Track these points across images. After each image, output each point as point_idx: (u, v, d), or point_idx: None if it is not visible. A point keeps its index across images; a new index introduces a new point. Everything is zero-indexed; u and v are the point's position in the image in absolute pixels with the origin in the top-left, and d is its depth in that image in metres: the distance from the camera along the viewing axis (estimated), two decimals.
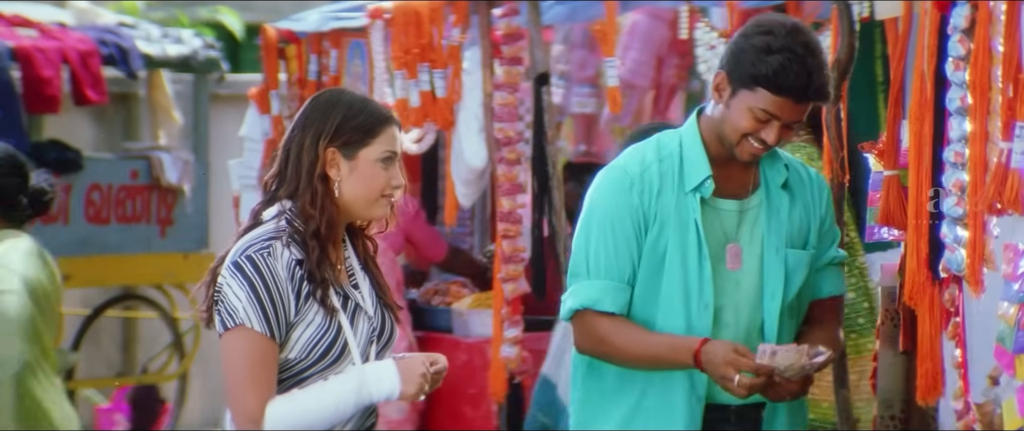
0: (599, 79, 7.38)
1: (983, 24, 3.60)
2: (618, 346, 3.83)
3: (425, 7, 6.33)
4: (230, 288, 3.45)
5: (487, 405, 6.41)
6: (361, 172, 3.53)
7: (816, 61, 3.69)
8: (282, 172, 3.57)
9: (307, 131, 3.55)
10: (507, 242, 6.14)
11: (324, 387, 3.50)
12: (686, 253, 3.80)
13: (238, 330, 3.43)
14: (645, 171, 3.85)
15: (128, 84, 9.15)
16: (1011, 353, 3.47)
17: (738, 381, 3.62)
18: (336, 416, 3.50)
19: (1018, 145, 3.49)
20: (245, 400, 3.44)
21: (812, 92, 3.69)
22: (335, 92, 3.65)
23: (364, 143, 3.54)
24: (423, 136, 6.52)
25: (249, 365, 3.44)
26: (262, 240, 3.48)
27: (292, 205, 3.53)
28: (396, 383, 3.52)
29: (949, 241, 3.76)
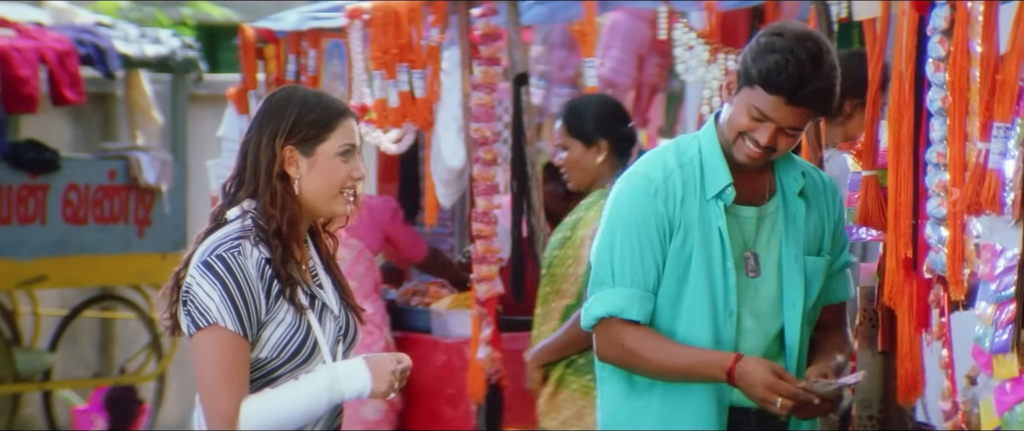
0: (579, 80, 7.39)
1: (961, 25, 3.61)
2: (645, 357, 3.81)
3: (404, 7, 6.32)
4: (201, 288, 3.43)
5: (466, 406, 6.40)
6: (320, 168, 3.53)
7: (816, 67, 3.66)
8: (241, 173, 3.55)
9: (263, 131, 3.53)
10: (481, 242, 6.14)
11: (297, 386, 3.49)
12: (711, 260, 3.79)
13: (211, 329, 3.42)
14: (668, 178, 3.82)
15: (106, 84, 9.13)
16: (989, 353, 3.49)
17: (781, 404, 3.62)
18: (309, 414, 3.50)
19: (995, 145, 3.50)
20: (219, 400, 3.42)
21: (803, 95, 3.66)
22: (288, 90, 3.64)
23: (321, 138, 3.53)
24: (402, 136, 6.51)
25: (222, 364, 3.42)
26: (231, 239, 3.47)
27: (254, 205, 3.52)
28: (367, 381, 3.53)
29: (933, 242, 3.77)
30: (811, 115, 3.72)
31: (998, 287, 3.44)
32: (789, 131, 3.72)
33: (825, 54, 3.69)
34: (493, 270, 6.12)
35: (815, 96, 3.68)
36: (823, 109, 3.73)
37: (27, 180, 8.41)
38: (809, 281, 3.82)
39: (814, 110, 3.72)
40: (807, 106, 3.69)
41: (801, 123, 3.72)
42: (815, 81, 3.67)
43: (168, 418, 9.36)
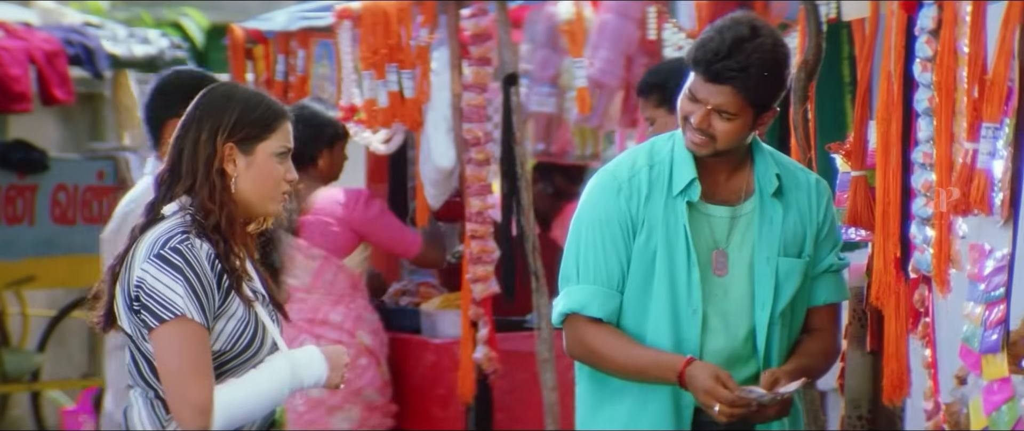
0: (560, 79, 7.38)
1: (949, 25, 3.62)
2: (605, 355, 3.84)
3: (393, 7, 6.32)
4: (159, 281, 3.41)
5: (456, 406, 6.40)
6: (259, 167, 3.54)
7: (736, 45, 3.67)
8: (176, 166, 3.54)
9: (203, 125, 3.53)
10: (476, 243, 6.14)
11: (259, 374, 3.51)
12: (674, 258, 3.80)
13: (178, 322, 3.40)
14: (634, 176, 3.84)
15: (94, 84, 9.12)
16: (977, 353, 3.49)
17: (719, 410, 3.65)
18: (274, 401, 3.53)
19: (984, 146, 3.51)
20: (192, 391, 3.41)
21: (717, 70, 3.67)
22: (229, 86, 3.65)
23: (262, 137, 3.54)
24: (391, 137, 6.50)
25: (192, 356, 3.42)
26: (178, 233, 3.46)
27: (190, 201, 3.51)
28: (324, 369, 3.57)
29: (918, 242, 3.77)
30: (738, 97, 3.69)
31: (987, 287, 3.45)
32: (723, 115, 3.72)
33: (755, 37, 3.69)
34: (488, 270, 6.12)
35: (732, 73, 3.68)
36: (749, 90, 3.69)
37: (15, 180, 8.39)
38: (781, 283, 3.81)
39: (738, 90, 3.69)
40: (727, 83, 3.69)
41: (730, 105, 3.70)
42: (731, 58, 3.68)
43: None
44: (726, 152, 3.80)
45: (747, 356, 3.81)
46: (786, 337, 3.85)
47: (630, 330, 3.83)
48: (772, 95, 3.76)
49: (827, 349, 3.90)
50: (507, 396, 6.41)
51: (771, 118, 3.82)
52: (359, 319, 6.44)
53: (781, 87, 3.78)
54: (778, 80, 3.76)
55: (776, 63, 3.73)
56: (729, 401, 3.64)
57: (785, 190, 3.85)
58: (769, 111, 3.79)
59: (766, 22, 3.86)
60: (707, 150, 3.77)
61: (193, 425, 3.42)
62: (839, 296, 3.94)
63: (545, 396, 6.07)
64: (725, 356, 3.80)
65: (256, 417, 3.54)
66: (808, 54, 4.57)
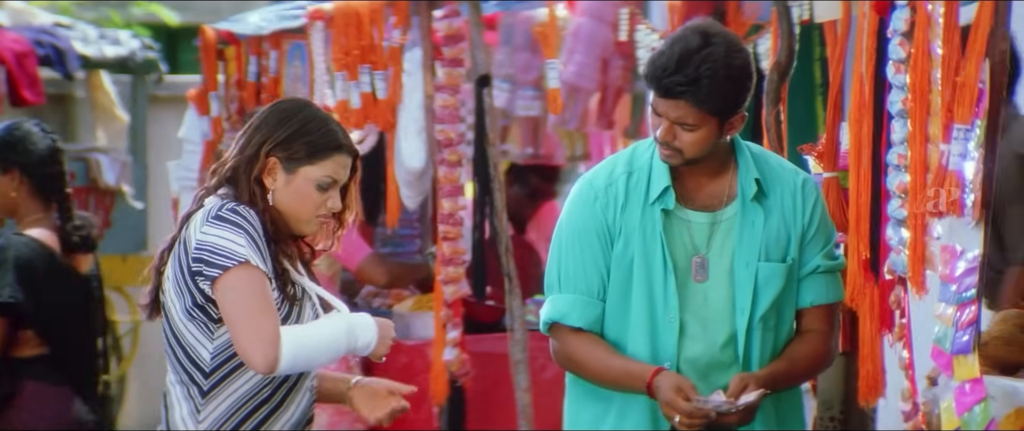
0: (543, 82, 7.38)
1: (922, 27, 3.63)
2: (583, 364, 3.85)
3: (365, 8, 6.31)
4: (221, 236, 3.46)
5: (428, 407, 6.39)
6: (296, 189, 3.58)
7: (684, 58, 3.64)
8: (225, 160, 3.61)
9: (258, 132, 3.58)
10: (447, 244, 6.13)
11: (319, 324, 3.57)
12: (651, 266, 3.80)
13: (243, 267, 3.45)
14: (611, 185, 3.84)
15: (64, 85, 9.08)
16: (949, 354, 3.50)
17: (678, 421, 3.66)
18: (332, 353, 3.57)
19: (956, 147, 3.52)
20: (262, 326, 3.44)
21: (667, 86, 3.65)
22: (301, 104, 3.68)
23: (308, 162, 3.56)
24: (364, 138, 6.49)
25: (261, 295, 3.46)
26: (232, 200, 3.53)
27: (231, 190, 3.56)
28: (375, 335, 3.62)
29: (893, 243, 3.78)
30: (694, 109, 3.67)
31: (959, 289, 3.46)
32: (684, 127, 3.70)
33: (705, 47, 3.65)
34: (460, 272, 6.11)
35: (681, 88, 3.65)
36: (703, 101, 3.66)
37: None
38: (760, 287, 3.79)
39: (692, 103, 3.66)
40: (680, 98, 3.66)
41: (688, 117, 3.68)
42: (679, 72, 3.65)
43: (128, 419, 9.30)
44: (699, 160, 3.78)
45: (728, 362, 3.80)
46: (770, 342, 3.83)
47: (611, 338, 3.84)
48: (732, 101, 3.72)
49: (815, 352, 3.86)
50: (480, 398, 6.41)
51: (740, 122, 3.78)
52: None
53: (741, 91, 3.73)
54: (736, 86, 3.70)
55: (730, 69, 3.68)
56: (687, 412, 3.64)
57: (768, 193, 3.83)
58: (735, 116, 3.75)
59: (722, 28, 3.81)
60: (677, 161, 3.77)
61: (265, 358, 3.44)
62: (829, 297, 3.88)
63: (518, 397, 6.07)
64: (704, 363, 3.79)
65: (316, 364, 3.58)
66: (780, 56, 4.58)
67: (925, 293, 3.68)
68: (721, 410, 3.65)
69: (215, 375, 3.56)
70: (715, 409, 3.64)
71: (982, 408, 3.40)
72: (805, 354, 3.85)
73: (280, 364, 3.45)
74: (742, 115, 3.78)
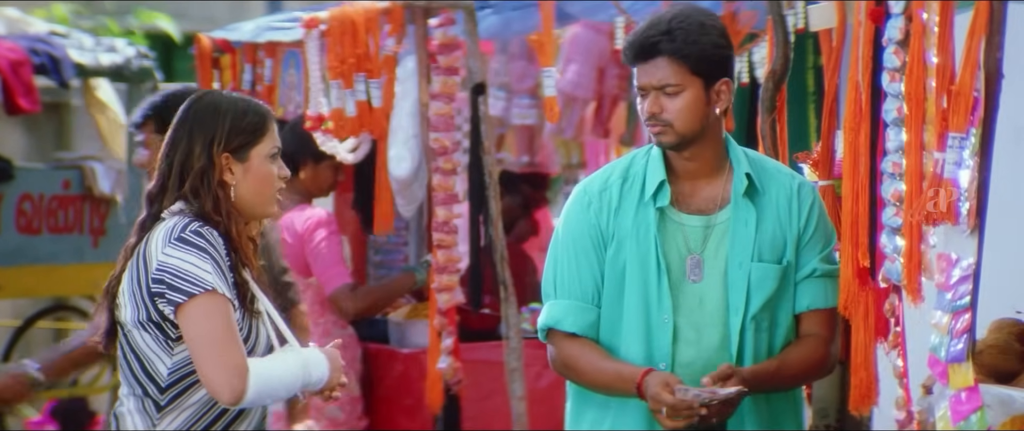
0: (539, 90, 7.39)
1: (917, 36, 3.63)
2: (578, 369, 3.86)
3: (361, 17, 6.31)
4: (185, 261, 3.43)
5: (424, 416, 6.39)
6: (255, 172, 3.56)
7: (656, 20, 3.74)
8: (165, 182, 3.54)
9: (195, 139, 3.53)
10: (442, 252, 6.13)
11: (282, 358, 3.55)
12: (646, 267, 3.81)
13: (209, 295, 3.42)
14: (605, 190, 3.87)
15: (60, 93, 9.09)
16: (944, 362, 3.50)
17: (665, 413, 3.66)
18: (291, 387, 3.56)
19: (950, 155, 3.52)
20: (231, 355, 3.41)
21: (642, 46, 3.74)
22: (213, 95, 3.65)
23: (255, 142, 3.56)
24: (358, 146, 6.49)
25: (227, 325, 3.44)
26: (193, 221, 3.49)
27: (186, 207, 3.51)
28: (326, 369, 3.60)
29: (888, 251, 3.78)
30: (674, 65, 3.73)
31: (953, 296, 3.45)
32: (668, 91, 3.74)
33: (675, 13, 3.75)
34: (454, 280, 6.11)
35: (657, 40, 3.73)
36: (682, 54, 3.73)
37: None
38: (753, 288, 3.80)
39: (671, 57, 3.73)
40: (657, 55, 3.73)
41: (670, 76, 3.74)
42: (651, 29, 3.74)
43: None
44: (691, 138, 3.79)
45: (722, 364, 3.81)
46: (764, 344, 3.84)
47: (606, 343, 3.85)
48: (712, 59, 3.78)
49: (809, 355, 3.86)
50: (475, 406, 6.41)
51: (727, 92, 3.82)
52: (326, 335, 6.38)
53: (719, 50, 3.79)
54: (712, 41, 3.77)
55: (704, 26, 3.76)
56: (671, 404, 3.64)
57: (762, 193, 3.84)
58: (718, 81, 3.79)
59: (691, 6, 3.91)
60: (670, 138, 3.79)
61: (232, 390, 3.41)
62: (828, 301, 3.89)
63: (513, 405, 6.06)
64: (699, 366, 3.79)
65: (276, 398, 3.56)
66: (776, 64, 4.58)
67: (921, 301, 3.68)
68: (702, 400, 3.64)
69: (172, 390, 3.52)
70: (696, 398, 3.63)
71: (978, 416, 3.40)
72: (797, 357, 3.84)
73: (246, 396, 3.42)
74: (727, 82, 3.81)
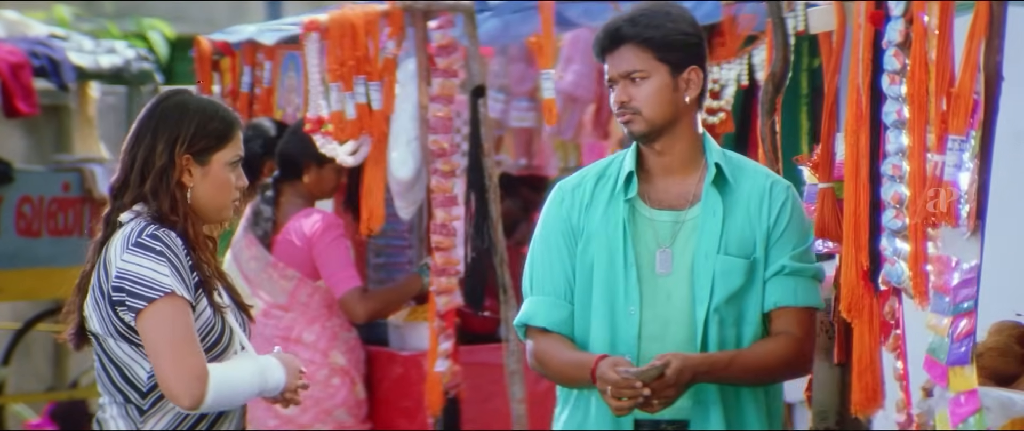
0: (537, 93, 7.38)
1: (919, 38, 3.63)
2: (546, 363, 3.89)
3: (360, 19, 6.31)
4: (143, 266, 3.41)
5: (422, 418, 6.38)
6: (214, 177, 3.55)
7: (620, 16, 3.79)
8: (127, 177, 3.53)
9: (159, 136, 3.52)
10: (440, 254, 6.13)
11: (239, 364, 3.53)
12: (614, 261, 3.83)
13: (168, 298, 3.40)
14: (578, 186, 3.91)
15: (59, 96, 9.08)
16: (944, 365, 3.50)
17: (610, 392, 3.67)
18: (248, 395, 3.54)
19: (950, 158, 3.52)
20: (189, 359, 3.40)
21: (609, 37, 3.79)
22: (181, 95, 3.63)
23: (218, 148, 3.56)
24: (358, 148, 6.49)
25: (186, 329, 3.42)
26: (150, 224, 3.48)
27: (145, 208, 3.51)
28: (283, 375, 3.59)
29: (888, 254, 3.78)
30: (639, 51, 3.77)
31: (954, 299, 3.45)
32: (634, 78, 3.78)
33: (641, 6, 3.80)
34: (453, 282, 6.11)
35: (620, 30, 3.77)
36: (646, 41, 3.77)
37: None
38: (717, 279, 3.80)
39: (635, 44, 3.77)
40: (621, 43, 3.77)
41: (635, 62, 3.78)
42: (615, 21, 3.80)
43: None
44: (662, 127, 3.81)
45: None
46: (732, 339, 3.84)
47: (578, 338, 3.88)
48: (678, 45, 3.81)
49: (771, 352, 3.84)
50: (475, 408, 6.40)
51: (698, 79, 3.84)
52: (334, 338, 6.38)
53: (687, 36, 3.82)
54: (679, 28, 3.81)
55: (669, 14, 3.81)
56: (613, 382, 3.65)
57: (733, 188, 3.85)
58: (686, 68, 3.82)
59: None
60: (639, 126, 3.82)
61: (190, 395, 3.40)
62: (797, 300, 3.87)
63: (513, 408, 6.06)
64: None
65: (234, 404, 3.54)
66: (775, 66, 4.58)
67: (927, 303, 3.68)
68: (642, 376, 3.64)
69: (153, 393, 3.51)
70: (637, 375, 3.64)
71: (977, 419, 3.40)
72: (757, 351, 3.83)
73: (205, 401, 3.41)
74: (696, 70, 3.83)
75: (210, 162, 3.54)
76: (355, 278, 6.30)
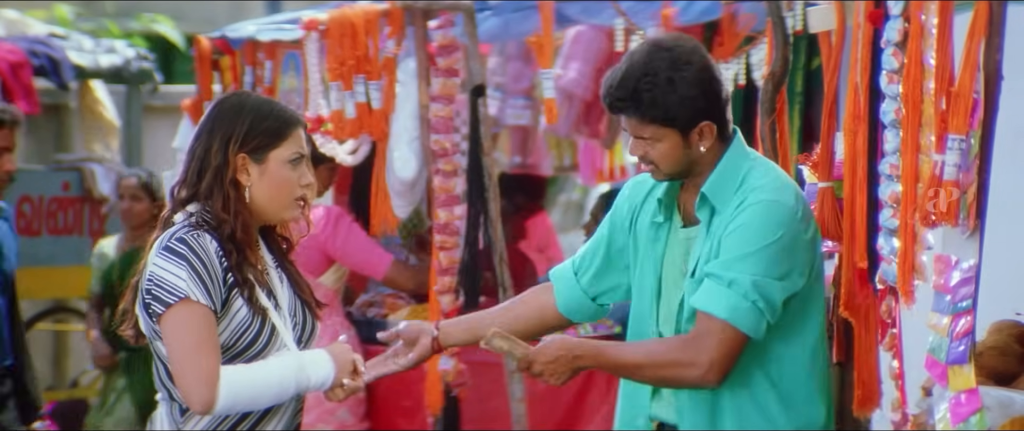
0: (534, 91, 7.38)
1: (915, 38, 3.63)
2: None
3: (360, 18, 6.31)
4: (165, 270, 3.44)
5: (422, 417, 6.39)
6: (271, 175, 3.56)
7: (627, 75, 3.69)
8: (188, 178, 3.57)
9: (214, 136, 3.55)
10: (444, 254, 6.13)
11: (268, 364, 3.52)
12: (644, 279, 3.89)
13: (183, 304, 3.42)
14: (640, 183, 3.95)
15: (59, 95, 9.08)
16: (944, 364, 3.50)
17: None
18: (279, 395, 3.53)
19: (950, 157, 3.52)
20: (200, 365, 3.41)
21: (611, 103, 3.74)
22: (241, 96, 3.67)
23: (274, 146, 3.56)
24: (358, 148, 6.49)
25: (198, 333, 3.43)
26: (186, 226, 3.49)
27: (200, 208, 3.53)
28: (331, 369, 3.58)
29: (885, 253, 3.78)
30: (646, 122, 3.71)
31: (954, 298, 3.45)
32: (646, 141, 3.75)
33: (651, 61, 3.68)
34: (455, 281, 6.12)
35: (622, 103, 3.71)
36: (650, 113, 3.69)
37: None
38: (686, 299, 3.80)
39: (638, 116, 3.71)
40: (628, 113, 3.72)
41: (643, 131, 3.73)
42: (619, 88, 3.71)
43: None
44: (681, 173, 3.80)
45: None
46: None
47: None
48: (684, 110, 3.70)
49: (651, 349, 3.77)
50: (475, 407, 6.41)
51: (711, 131, 3.74)
52: (335, 336, 6.39)
53: (691, 101, 3.70)
54: (681, 98, 3.69)
55: (673, 81, 3.68)
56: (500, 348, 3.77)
57: (716, 212, 3.78)
58: (697, 125, 3.73)
59: (680, 40, 3.80)
60: (659, 176, 3.83)
61: (201, 398, 3.41)
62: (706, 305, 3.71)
63: (513, 407, 6.07)
64: None
65: (260, 405, 3.53)
66: (775, 66, 4.58)
67: (913, 303, 3.68)
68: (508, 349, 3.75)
69: None
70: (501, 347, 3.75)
71: (978, 418, 3.40)
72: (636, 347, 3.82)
73: (217, 405, 3.42)
74: (709, 124, 3.74)
75: (267, 160, 3.54)
76: (387, 253, 6.46)
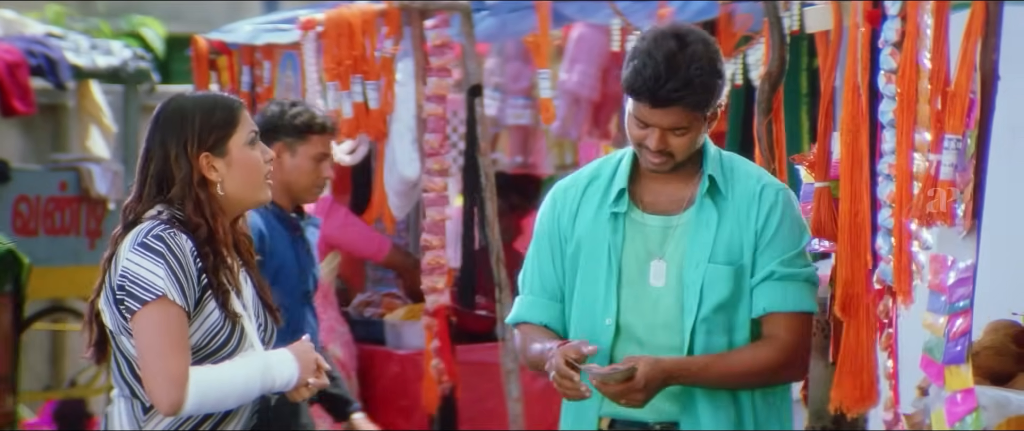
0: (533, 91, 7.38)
1: (911, 38, 3.63)
2: (521, 351, 3.94)
3: (357, 18, 6.32)
4: (141, 266, 3.42)
5: (420, 416, 6.39)
6: (238, 163, 3.56)
7: (671, 65, 3.66)
8: (141, 194, 3.54)
9: (168, 146, 3.53)
10: (430, 253, 6.13)
11: (234, 365, 3.52)
12: (596, 271, 3.83)
13: (159, 302, 3.41)
14: (570, 188, 3.91)
15: (56, 95, 9.08)
16: (940, 364, 3.50)
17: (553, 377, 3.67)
18: (245, 395, 3.53)
19: (946, 157, 3.52)
20: (168, 364, 3.40)
21: (663, 96, 3.67)
22: (176, 99, 3.64)
23: (230, 134, 3.56)
24: (356, 147, 6.50)
25: (170, 333, 3.42)
26: (162, 224, 3.48)
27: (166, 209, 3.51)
28: (295, 369, 3.58)
29: (883, 253, 3.79)
30: (688, 112, 3.71)
31: (950, 298, 3.46)
32: (676, 132, 3.73)
33: (685, 48, 3.68)
34: (441, 281, 6.12)
35: (677, 95, 3.68)
36: (696, 103, 3.70)
37: None
38: (706, 289, 3.78)
39: (686, 107, 3.70)
40: (675, 104, 3.69)
41: (681, 122, 3.71)
42: (672, 79, 3.67)
43: None
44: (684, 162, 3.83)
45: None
46: (722, 346, 3.81)
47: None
48: (717, 96, 3.78)
49: (756, 356, 3.80)
50: (472, 407, 6.41)
51: (721, 111, 3.85)
52: (330, 331, 6.42)
53: (723, 84, 3.80)
54: (721, 80, 3.77)
55: (713, 65, 3.74)
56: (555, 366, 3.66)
57: (726, 195, 3.83)
58: (718, 109, 3.81)
59: (689, 25, 3.85)
60: (668, 167, 3.81)
61: (169, 399, 3.41)
62: (787, 305, 3.81)
63: (509, 407, 6.07)
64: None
65: (226, 406, 3.52)
66: (772, 66, 4.58)
67: (912, 302, 3.68)
68: (608, 377, 3.63)
69: None
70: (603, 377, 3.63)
71: (974, 418, 3.41)
72: (741, 357, 3.80)
73: (185, 405, 3.41)
74: (722, 105, 3.83)
75: (229, 150, 3.54)
76: (386, 238, 6.64)
